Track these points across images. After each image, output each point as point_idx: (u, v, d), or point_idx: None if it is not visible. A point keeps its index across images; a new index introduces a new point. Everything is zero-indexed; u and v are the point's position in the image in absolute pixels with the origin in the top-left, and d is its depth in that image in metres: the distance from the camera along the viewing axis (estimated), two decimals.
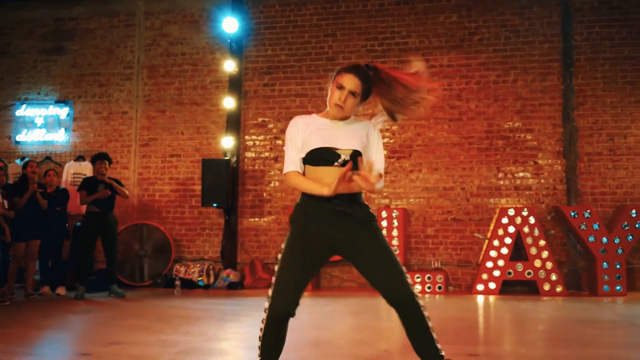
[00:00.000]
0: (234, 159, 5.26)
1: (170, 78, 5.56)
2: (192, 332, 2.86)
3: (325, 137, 1.56)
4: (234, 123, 5.36)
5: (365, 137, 1.62)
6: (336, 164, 1.51)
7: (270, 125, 5.39)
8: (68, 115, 5.58)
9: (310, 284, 4.69)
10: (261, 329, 1.57)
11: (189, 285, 4.97)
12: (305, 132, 1.61)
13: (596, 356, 2.23)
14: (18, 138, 5.65)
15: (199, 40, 5.51)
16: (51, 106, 5.59)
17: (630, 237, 4.55)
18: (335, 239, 1.55)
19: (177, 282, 4.79)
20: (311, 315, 3.49)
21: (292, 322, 1.60)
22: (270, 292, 1.56)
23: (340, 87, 1.61)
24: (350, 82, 1.60)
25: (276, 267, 1.58)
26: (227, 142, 5.28)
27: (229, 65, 5.30)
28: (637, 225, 4.55)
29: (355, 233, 1.54)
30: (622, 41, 4.92)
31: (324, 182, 1.52)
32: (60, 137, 5.57)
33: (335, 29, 5.31)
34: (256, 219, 5.34)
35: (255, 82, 5.43)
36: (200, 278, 5.05)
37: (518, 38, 5.05)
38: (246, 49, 5.46)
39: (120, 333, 2.81)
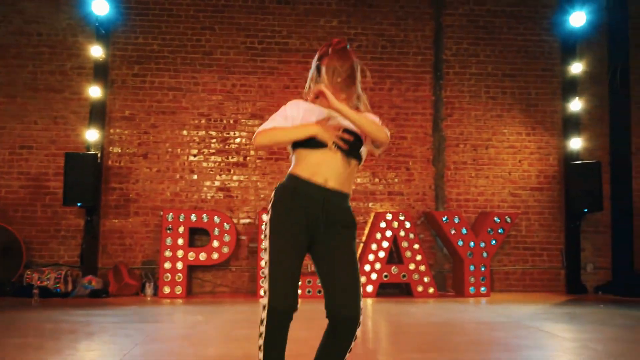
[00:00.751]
0: (98, 153, 5.23)
1: (23, 60, 5.39)
2: (98, 349, 2.77)
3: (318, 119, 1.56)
4: (99, 114, 5.36)
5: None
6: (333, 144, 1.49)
7: (139, 119, 5.46)
8: None
9: (184, 290, 4.85)
10: (261, 333, 1.50)
11: (44, 294, 4.79)
12: (305, 116, 1.59)
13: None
14: None
15: (58, 21, 5.41)
16: None
17: (494, 242, 5.37)
18: (316, 230, 1.52)
19: (36, 291, 4.55)
20: (182, 325, 3.60)
21: (164, 333, 1.61)
22: (266, 285, 1.50)
23: (319, 71, 1.68)
24: (332, 62, 1.66)
25: (264, 256, 1.54)
26: (92, 135, 5.26)
27: (96, 51, 5.29)
28: (500, 231, 5.38)
29: (335, 233, 1.53)
30: (486, 59, 5.75)
31: (321, 169, 1.52)
32: None
33: (214, 22, 5.54)
34: (121, 220, 5.36)
35: (123, 72, 5.46)
36: (58, 285, 4.96)
37: (394, 48, 5.67)
38: (114, 34, 5.48)
39: (9, 354, 2.48)
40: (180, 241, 5.06)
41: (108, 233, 5.32)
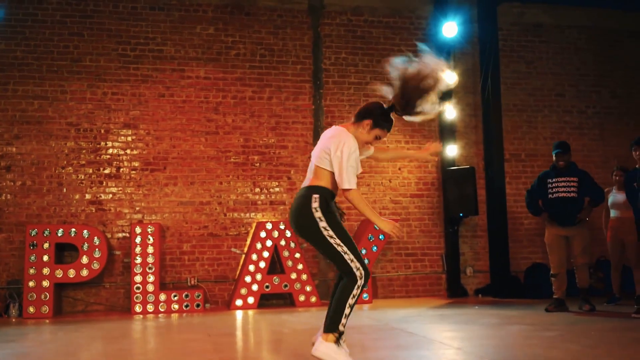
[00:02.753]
0: None
1: None
2: None
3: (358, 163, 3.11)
4: None
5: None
6: None
7: (1, 129, 6.53)
8: None
9: (52, 310, 5.90)
10: (354, 295, 2.91)
11: None
12: (356, 154, 3.05)
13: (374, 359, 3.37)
14: None
15: None
16: None
17: (375, 248, 6.93)
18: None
19: None
20: (56, 344, 4.31)
21: (29, 354, 2.60)
22: (355, 261, 2.91)
23: (378, 139, 3.12)
24: (384, 136, 3.15)
25: (336, 238, 2.91)
26: None
27: None
28: (380, 237, 6.93)
29: None
30: (364, 68, 7.40)
31: (333, 184, 3.07)
32: None
33: (82, 28, 6.75)
34: None
35: None
36: None
37: (273, 57, 7.16)
38: None
39: None
40: (45, 258, 6.16)
41: None
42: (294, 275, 6.64)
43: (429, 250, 7.47)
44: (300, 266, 6.67)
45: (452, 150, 7.49)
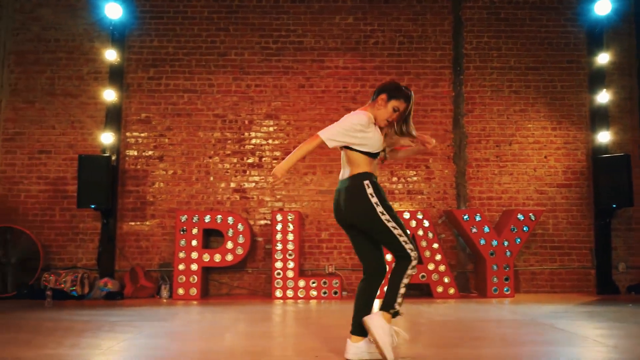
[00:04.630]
0: (114, 157, 8.25)
1: (41, 66, 8.48)
2: (80, 344, 4.24)
3: (380, 140, 3.73)
4: (115, 118, 8.40)
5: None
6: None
7: (155, 122, 8.50)
8: None
9: (199, 292, 7.76)
10: (408, 275, 3.60)
11: (60, 296, 7.80)
12: (371, 133, 3.64)
13: (521, 354, 3.91)
14: None
15: (75, 26, 8.49)
16: None
17: (518, 240, 8.21)
18: None
19: (49, 292, 7.47)
20: (203, 324, 5.55)
21: (179, 332, 4.25)
22: (408, 243, 3.60)
23: (396, 110, 3.67)
24: (402, 108, 3.68)
25: (392, 222, 3.60)
26: (107, 138, 8.30)
27: (110, 55, 8.33)
28: (524, 229, 8.21)
29: None
30: (508, 52, 8.67)
31: (374, 167, 3.76)
32: None
33: (228, 23, 8.57)
34: (137, 223, 8.39)
35: (139, 75, 8.51)
36: (74, 288, 7.95)
37: (412, 44, 8.63)
38: (129, 38, 8.54)
39: None
40: (194, 242, 8.01)
41: (125, 236, 8.36)
42: (431, 266, 8.05)
43: (577, 244, 8.60)
44: (438, 257, 8.07)
45: (604, 136, 8.56)
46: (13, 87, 8.51)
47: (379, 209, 3.63)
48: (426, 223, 8.07)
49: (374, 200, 3.64)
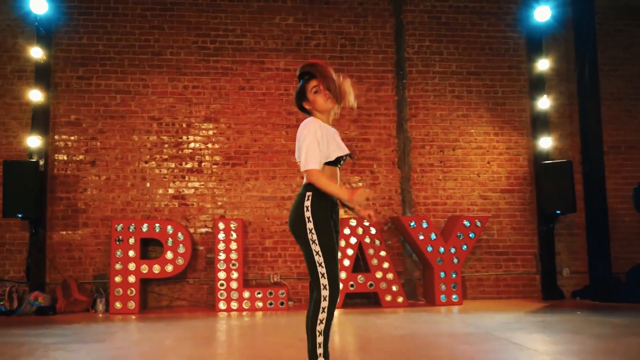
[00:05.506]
0: (42, 161, 8.48)
1: None
2: None
3: (339, 144, 3.71)
4: (42, 120, 8.67)
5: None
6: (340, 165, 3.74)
7: (86, 124, 8.82)
8: None
9: (138, 305, 8.02)
10: (322, 320, 3.45)
11: None
12: (328, 137, 3.62)
13: None
14: None
15: None
16: None
17: (465, 247, 8.91)
18: (336, 226, 3.70)
19: None
20: (142, 346, 5.58)
21: (120, 356, 4.48)
22: (325, 278, 3.47)
23: (317, 90, 3.69)
24: (321, 83, 3.65)
25: (317, 245, 3.51)
26: (33, 142, 8.53)
27: (36, 52, 8.61)
28: (470, 235, 8.92)
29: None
30: (449, 56, 9.48)
31: (334, 179, 3.62)
32: None
33: (162, 21, 9.02)
34: (69, 232, 8.65)
35: (67, 74, 8.83)
36: (1, 303, 8.08)
37: (354, 46, 9.31)
38: (56, 35, 8.87)
39: None
40: (131, 253, 8.33)
41: (56, 246, 8.59)
42: (379, 274, 8.63)
43: (522, 249, 9.42)
44: (385, 265, 8.65)
45: (545, 142, 9.46)
46: None
47: (309, 225, 3.59)
48: (373, 230, 8.65)
49: (307, 214, 3.58)
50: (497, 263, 9.39)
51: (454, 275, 8.68)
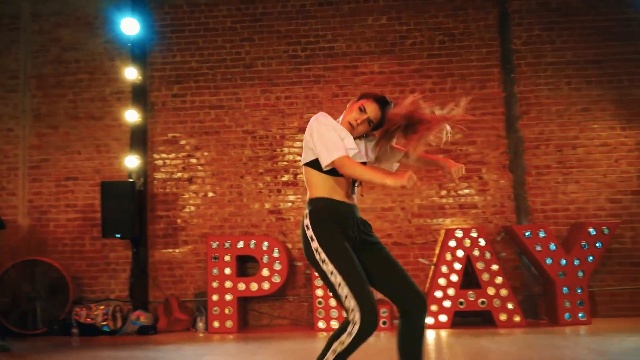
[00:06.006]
0: (141, 181, 8.53)
1: (62, 89, 8.93)
2: None
3: (359, 147, 3.28)
4: (140, 139, 8.71)
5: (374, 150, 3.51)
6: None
7: (183, 142, 8.76)
8: None
9: (236, 324, 7.83)
10: (343, 342, 3.02)
11: (91, 332, 8.04)
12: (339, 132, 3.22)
13: None
14: None
15: (95, 46, 8.91)
16: None
17: (591, 258, 7.89)
18: (354, 242, 3.23)
19: (75, 330, 7.53)
20: None
21: None
22: (352, 299, 2.97)
23: (362, 110, 3.30)
24: (374, 111, 3.29)
25: (329, 264, 3.07)
26: (132, 162, 8.57)
27: (131, 73, 8.67)
28: (597, 245, 7.90)
29: (367, 242, 3.34)
30: (563, 45, 8.49)
31: (339, 189, 3.25)
32: None
33: (252, 33, 8.78)
34: (169, 250, 8.62)
35: (163, 93, 8.82)
36: (105, 322, 8.18)
37: (453, 42, 8.59)
38: (151, 54, 8.89)
39: None
40: (227, 271, 8.10)
41: (157, 264, 8.59)
42: (491, 291, 7.79)
43: None
44: (498, 280, 7.80)
45: None
46: (36, 113, 8.97)
47: (314, 245, 3.18)
48: (482, 242, 7.85)
49: (309, 233, 3.22)
50: (632, 275, 8.22)
51: (579, 291, 7.70)
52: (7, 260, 8.36)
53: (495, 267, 7.79)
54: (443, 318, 7.76)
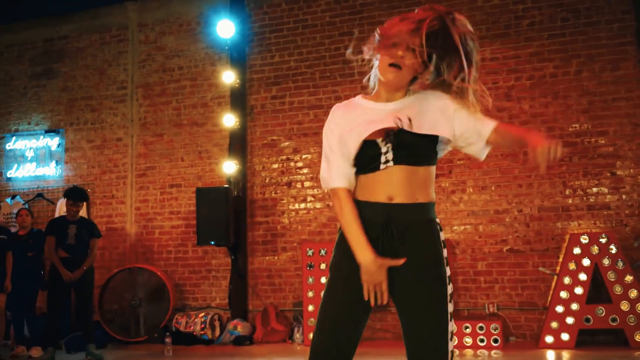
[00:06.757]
0: (239, 186, 8.24)
1: (166, 97, 8.89)
2: None
3: (368, 125, 2.16)
4: (238, 144, 8.45)
5: (443, 110, 2.24)
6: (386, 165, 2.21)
7: (282, 145, 8.37)
8: (59, 145, 9.13)
9: None
10: None
11: (188, 341, 7.85)
12: (349, 124, 2.26)
13: None
14: (9, 174, 9.33)
15: (197, 51, 8.79)
16: (41, 137, 9.19)
17: None
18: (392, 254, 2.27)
19: (168, 339, 7.20)
20: None
21: None
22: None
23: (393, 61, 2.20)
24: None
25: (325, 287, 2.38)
26: (229, 167, 8.30)
27: (228, 77, 8.41)
28: None
29: (412, 269, 2.27)
30: None
31: (365, 189, 2.25)
32: (51, 171, 9.14)
33: (352, 26, 8.22)
34: (269, 257, 8.25)
35: (262, 95, 8.51)
36: (204, 331, 7.96)
37: (578, 19, 7.48)
38: (249, 57, 8.61)
39: None
40: (323, 279, 7.53)
41: (256, 272, 8.26)
42: (625, 306, 6.59)
43: None
44: (634, 293, 6.61)
45: None
46: (142, 121, 9.03)
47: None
48: (613, 248, 6.73)
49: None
50: None
51: None
52: (114, 267, 8.43)
53: (629, 278, 6.62)
54: (565, 337, 6.71)
